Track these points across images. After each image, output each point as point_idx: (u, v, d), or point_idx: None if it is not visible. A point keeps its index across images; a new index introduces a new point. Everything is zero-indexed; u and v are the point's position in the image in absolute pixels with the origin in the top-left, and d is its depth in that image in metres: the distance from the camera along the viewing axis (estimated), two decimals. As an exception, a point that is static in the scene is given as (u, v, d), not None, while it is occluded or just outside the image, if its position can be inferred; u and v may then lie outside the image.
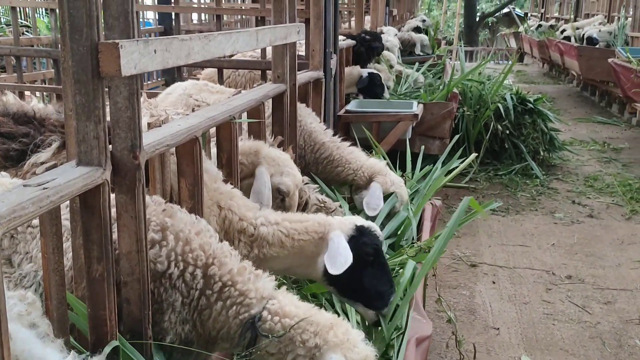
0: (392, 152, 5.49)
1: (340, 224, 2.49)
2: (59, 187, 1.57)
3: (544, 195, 6.83)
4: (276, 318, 2.01)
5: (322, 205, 3.32)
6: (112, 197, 1.89)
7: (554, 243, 5.55)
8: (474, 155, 4.53)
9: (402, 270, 3.21)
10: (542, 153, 7.76)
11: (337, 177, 3.92)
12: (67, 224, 1.95)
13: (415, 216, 3.77)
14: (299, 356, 1.96)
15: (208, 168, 2.61)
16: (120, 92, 1.83)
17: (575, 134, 9.84)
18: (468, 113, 7.38)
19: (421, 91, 6.85)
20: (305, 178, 3.42)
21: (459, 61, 9.00)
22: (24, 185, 1.57)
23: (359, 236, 2.49)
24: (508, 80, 8.50)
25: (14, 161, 2.58)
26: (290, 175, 2.96)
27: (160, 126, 2.30)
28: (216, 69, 5.39)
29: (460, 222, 3.74)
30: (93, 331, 1.83)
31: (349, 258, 2.37)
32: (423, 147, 4.68)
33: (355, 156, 3.95)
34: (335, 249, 2.38)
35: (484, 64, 8.20)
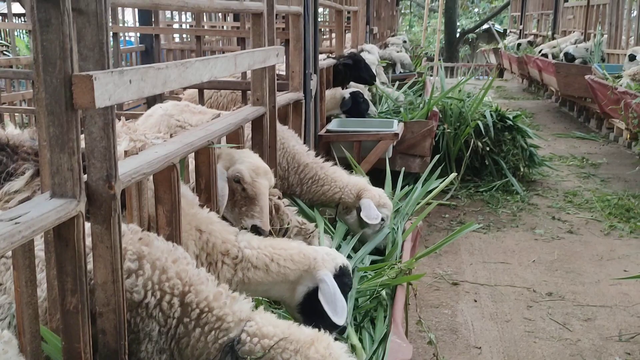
0: (373, 171, 5.52)
1: (324, 262, 2.51)
2: (31, 222, 1.55)
3: (525, 211, 6.88)
4: (255, 339, 2.00)
5: (302, 227, 3.32)
6: (88, 227, 1.88)
7: (534, 260, 5.59)
8: (453, 175, 4.56)
9: (382, 291, 3.23)
10: (522, 169, 7.83)
11: (324, 196, 3.94)
12: (41, 254, 1.93)
13: (405, 236, 3.80)
14: None
15: (185, 193, 2.61)
16: (96, 122, 1.83)
17: (555, 149, 9.95)
18: (448, 130, 7.44)
19: (401, 110, 6.90)
20: (285, 200, 3.42)
21: (439, 78, 9.10)
22: (-4, 219, 1.55)
23: (341, 276, 2.54)
24: (488, 97, 8.60)
25: (-14, 189, 2.54)
26: (245, 163, 2.95)
27: (137, 154, 2.30)
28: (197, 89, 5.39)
29: (441, 243, 3.78)
30: (68, 364, 1.80)
31: (345, 303, 2.43)
32: (403, 168, 4.70)
33: (339, 175, 4.00)
34: (332, 294, 2.43)
35: (463, 82, 8.28)
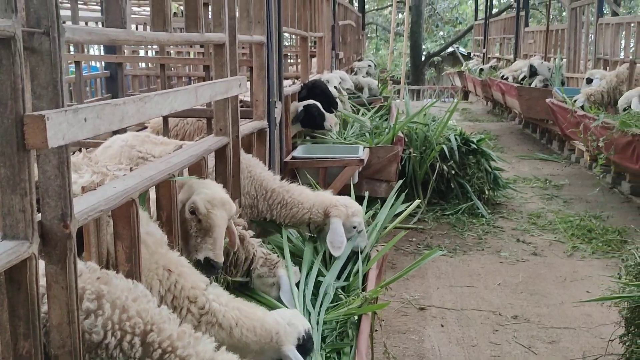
0: (343, 195, 5.53)
1: (287, 336, 2.50)
2: (-20, 266, 1.51)
3: (490, 234, 6.97)
4: (219, 381, 1.98)
5: (267, 258, 3.30)
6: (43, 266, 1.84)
7: (500, 282, 5.65)
8: (417, 201, 4.60)
9: (348, 320, 3.22)
10: (487, 192, 7.94)
11: (294, 218, 3.94)
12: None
13: (369, 266, 3.79)
14: None
15: (152, 231, 2.56)
16: (50, 161, 1.80)
17: (519, 171, 10.13)
18: (414, 155, 7.53)
19: (367, 135, 6.96)
20: (250, 232, 3.40)
21: (405, 102, 9.23)
22: (-57, 264, 1.50)
23: (304, 344, 2.56)
24: (453, 120, 8.75)
25: None
26: (201, 194, 2.88)
27: (95, 189, 2.26)
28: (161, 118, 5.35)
29: (406, 270, 3.80)
30: (20, 411, 1.75)
31: None
32: (367, 193, 4.72)
33: (305, 196, 3.99)
34: None
35: (428, 107, 8.43)
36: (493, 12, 23.46)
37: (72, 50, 6.77)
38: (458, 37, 33.26)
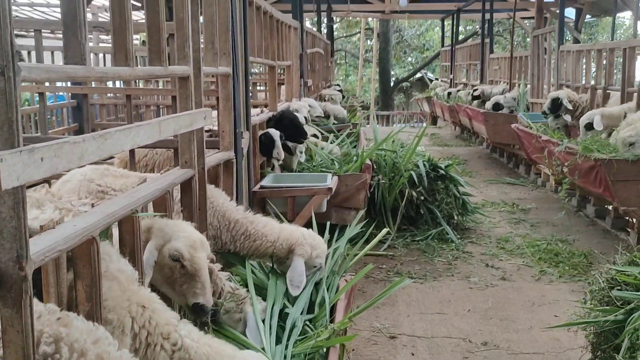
0: (308, 225, 5.52)
1: None
2: None
3: (460, 260, 7.01)
4: None
5: (234, 292, 3.27)
6: None
7: (469, 309, 5.67)
8: (385, 230, 4.62)
9: (316, 353, 3.19)
10: (456, 217, 8.01)
11: (257, 251, 3.89)
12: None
13: (337, 297, 3.76)
14: None
15: (124, 268, 2.52)
16: (5, 202, 1.76)
17: (487, 195, 10.26)
18: (383, 181, 7.57)
19: (335, 163, 6.99)
20: (218, 265, 3.36)
21: (373, 129, 9.31)
22: None
23: None
24: (421, 146, 8.84)
25: None
26: (181, 239, 2.85)
27: (54, 227, 2.21)
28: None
29: (375, 299, 3.79)
30: None
31: None
32: (329, 222, 4.73)
33: (270, 228, 3.95)
34: None
35: (395, 133, 8.51)
36: (459, 39, 23.93)
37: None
38: (426, 63, 33.87)
